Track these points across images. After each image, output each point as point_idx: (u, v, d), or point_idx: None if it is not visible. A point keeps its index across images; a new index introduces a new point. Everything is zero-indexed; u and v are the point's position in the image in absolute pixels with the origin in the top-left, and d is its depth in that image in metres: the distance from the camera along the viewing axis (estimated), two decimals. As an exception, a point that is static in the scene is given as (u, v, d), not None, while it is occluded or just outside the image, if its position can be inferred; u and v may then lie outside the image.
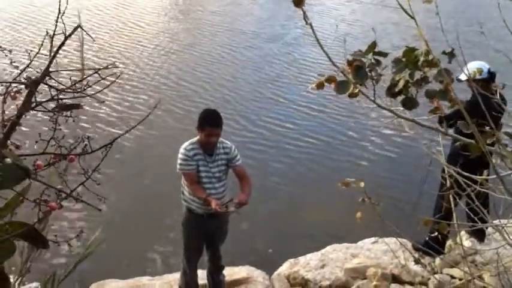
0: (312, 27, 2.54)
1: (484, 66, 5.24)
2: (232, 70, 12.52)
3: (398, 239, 4.81)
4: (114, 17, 17.05)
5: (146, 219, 6.81)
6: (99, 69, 1.71)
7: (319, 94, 10.75)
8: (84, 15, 15.82)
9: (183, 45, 14.30)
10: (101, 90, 1.81)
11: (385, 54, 2.58)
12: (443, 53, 2.59)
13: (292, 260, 5.63)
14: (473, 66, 5.17)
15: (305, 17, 2.49)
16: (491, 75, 5.21)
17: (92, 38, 7.47)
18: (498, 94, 4.47)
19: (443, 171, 5.11)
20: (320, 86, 2.63)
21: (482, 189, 3.15)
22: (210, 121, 4.35)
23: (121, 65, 11.94)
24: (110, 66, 1.76)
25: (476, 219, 4.04)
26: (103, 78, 1.70)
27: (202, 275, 4.97)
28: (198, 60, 13.12)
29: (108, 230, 6.30)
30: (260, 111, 10.32)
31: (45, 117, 1.69)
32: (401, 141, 9.08)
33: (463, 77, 4.98)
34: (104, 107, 9.64)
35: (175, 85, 11.42)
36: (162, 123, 9.32)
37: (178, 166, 4.42)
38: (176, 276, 5.13)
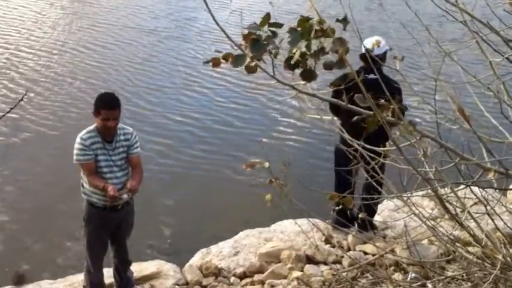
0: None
1: (382, 42, 5.25)
2: (104, 74, 10.95)
3: (310, 219, 4.75)
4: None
5: (41, 218, 6.30)
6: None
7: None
8: None
9: (53, 46, 12.33)
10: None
11: (280, 25, 2.52)
12: (337, 20, 2.51)
13: (204, 250, 5.46)
14: (372, 39, 5.24)
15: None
16: (383, 54, 5.25)
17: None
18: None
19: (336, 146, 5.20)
20: (216, 63, 2.49)
21: (385, 161, 3.12)
22: (105, 103, 4.13)
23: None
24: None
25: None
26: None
27: (108, 274, 4.70)
28: (76, 63, 11.38)
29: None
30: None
31: None
32: (307, 119, 8.80)
33: (362, 49, 5.05)
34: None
35: (40, 97, 9.69)
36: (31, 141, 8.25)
37: (74, 157, 4.17)
38: (80, 278, 4.80)
